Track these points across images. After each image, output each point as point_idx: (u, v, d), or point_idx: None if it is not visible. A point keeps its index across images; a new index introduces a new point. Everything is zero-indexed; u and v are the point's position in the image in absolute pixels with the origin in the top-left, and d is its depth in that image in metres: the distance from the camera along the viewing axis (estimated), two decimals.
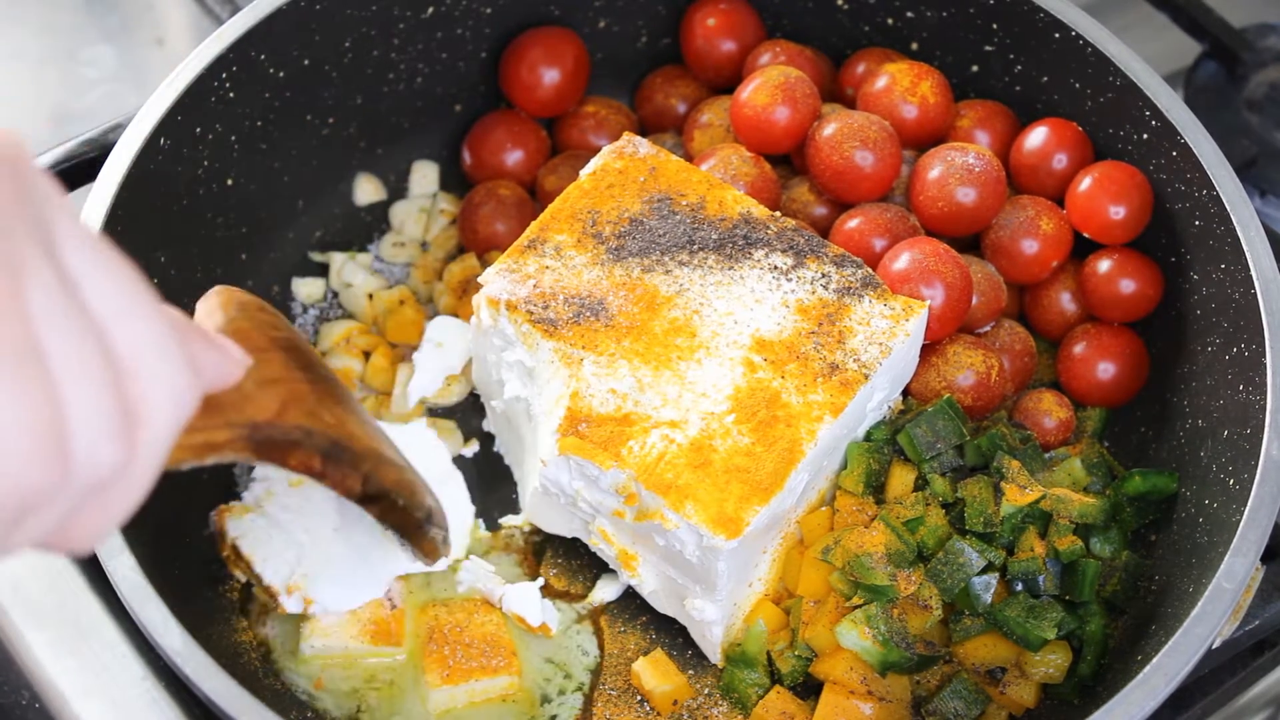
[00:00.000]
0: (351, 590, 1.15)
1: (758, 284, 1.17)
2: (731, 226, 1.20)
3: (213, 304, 0.91)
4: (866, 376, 1.13)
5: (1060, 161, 1.30)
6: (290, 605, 1.13)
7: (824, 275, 1.18)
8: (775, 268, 1.18)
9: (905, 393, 1.25)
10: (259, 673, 1.16)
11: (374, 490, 0.93)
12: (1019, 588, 1.13)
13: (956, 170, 1.27)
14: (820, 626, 1.12)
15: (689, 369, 1.13)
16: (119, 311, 0.59)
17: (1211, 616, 1.01)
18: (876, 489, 1.18)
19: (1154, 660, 1.00)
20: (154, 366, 0.60)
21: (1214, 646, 1.03)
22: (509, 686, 1.16)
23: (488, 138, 1.41)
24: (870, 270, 1.19)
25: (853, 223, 1.27)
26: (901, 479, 1.17)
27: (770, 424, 1.10)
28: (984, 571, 1.11)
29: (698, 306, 1.16)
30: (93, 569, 1.24)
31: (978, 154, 1.28)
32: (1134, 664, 1.08)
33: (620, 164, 1.24)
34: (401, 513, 0.97)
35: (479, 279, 1.19)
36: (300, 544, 1.15)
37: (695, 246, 1.19)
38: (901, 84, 1.33)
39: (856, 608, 1.11)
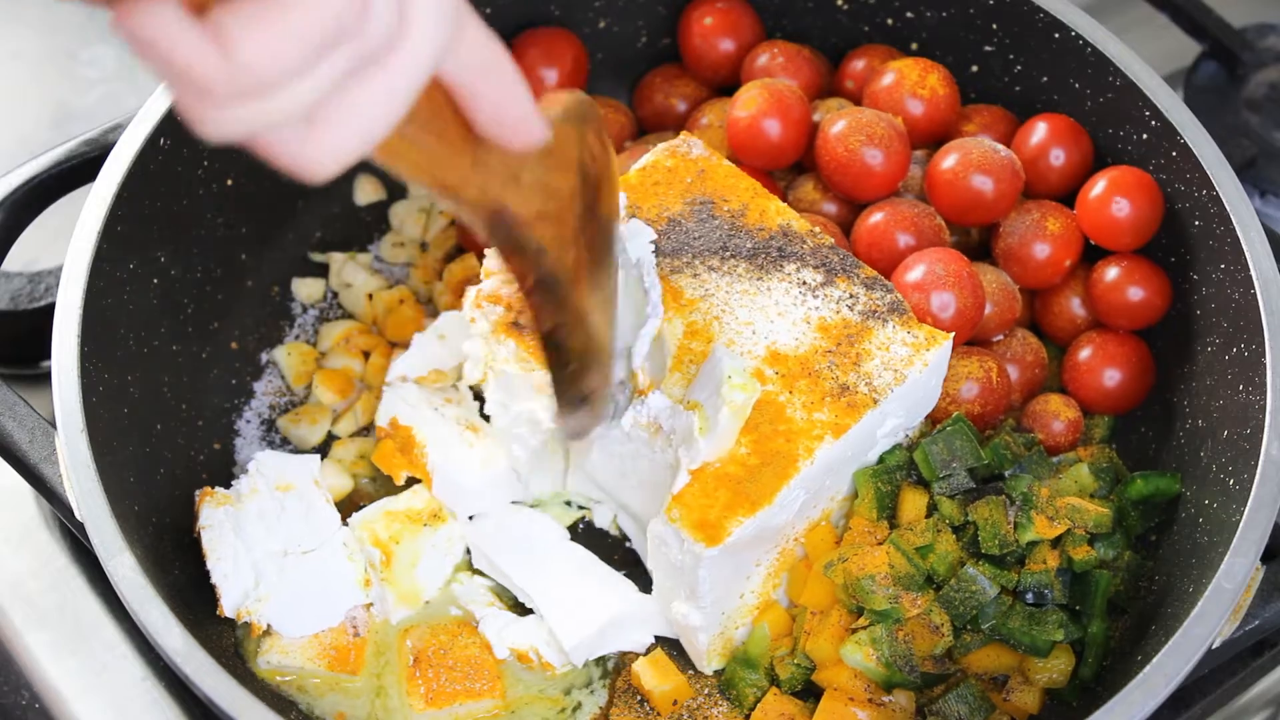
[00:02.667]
0: (307, 617, 1.15)
1: (783, 297, 1.16)
2: (768, 237, 1.19)
3: (563, 99, 0.92)
4: (876, 401, 1.11)
5: (1058, 157, 1.30)
6: (229, 611, 1.13)
7: (851, 296, 1.16)
8: (804, 283, 1.17)
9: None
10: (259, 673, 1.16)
11: (556, 342, 0.94)
12: (1029, 599, 1.12)
13: (974, 157, 1.26)
14: (822, 639, 1.11)
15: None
16: None
17: (1211, 616, 1.01)
18: (891, 514, 1.16)
19: (1154, 660, 1.00)
20: None
21: (1214, 646, 1.03)
22: (494, 709, 1.15)
23: None
24: (899, 296, 1.17)
25: (876, 218, 1.27)
26: (914, 503, 1.15)
27: (770, 437, 1.09)
28: (997, 596, 1.10)
29: (718, 313, 1.15)
30: (93, 569, 1.24)
31: (995, 143, 1.28)
32: (1134, 664, 1.08)
33: (671, 163, 1.24)
34: (565, 379, 0.98)
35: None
36: (258, 563, 1.15)
37: (728, 253, 1.19)
38: (909, 79, 1.33)
39: (862, 628, 1.10)
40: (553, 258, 0.87)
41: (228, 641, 1.14)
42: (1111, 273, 1.27)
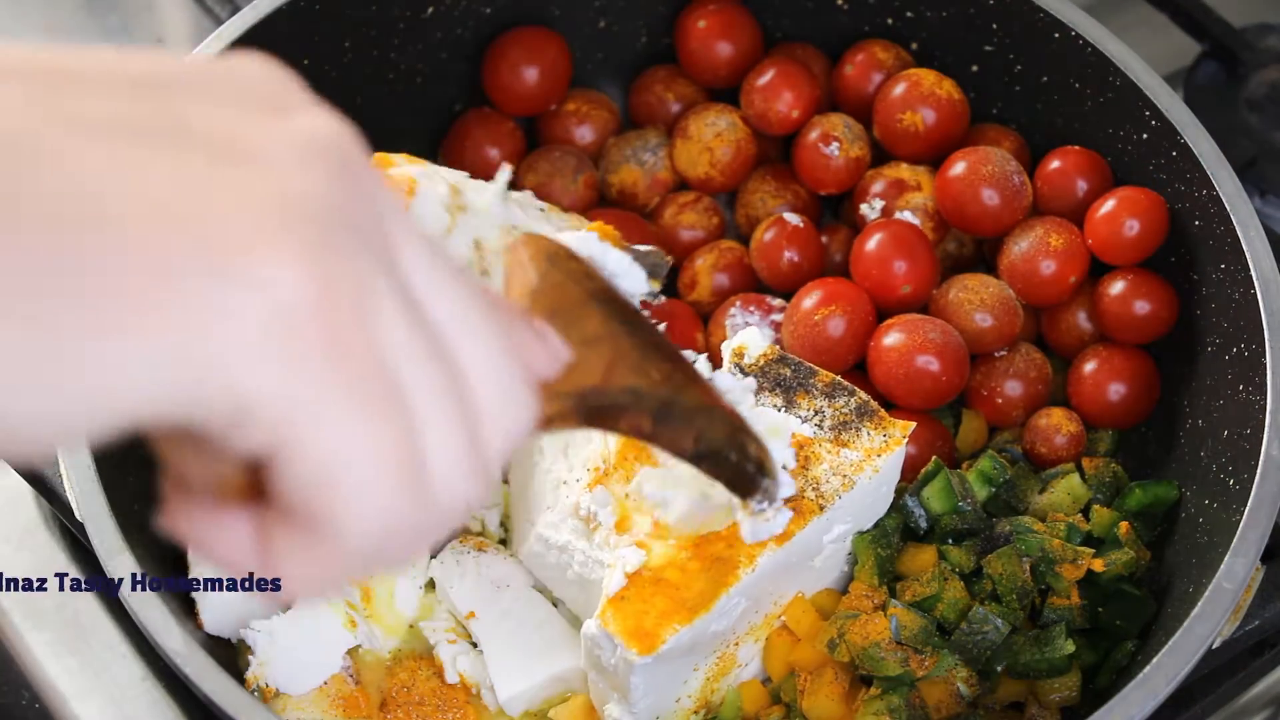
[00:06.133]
0: (307, 672, 1.12)
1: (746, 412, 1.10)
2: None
3: (522, 256, 0.85)
4: (821, 508, 1.06)
5: (1081, 189, 1.29)
6: (208, 628, 1.12)
7: (817, 413, 1.11)
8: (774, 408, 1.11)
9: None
10: None
11: (705, 449, 0.88)
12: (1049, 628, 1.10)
13: (982, 168, 1.26)
14: (820, 696, 1.08)
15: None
16: (460, 332, 0.54)
17: (1211, 616, 1.01)
18: (892, 578, 1.13)
19: (1154, 660, 1.00)
20: (495, 394, 0.56)
21: (1214, 646, 1.03)
22: None
23: (465, 137, 1.41)
24: (865, 397, 1.11)
25: (871, 242, 1.27)
26: (918, 557, 1.13)
27: (712, 541, 1.04)
28: (1009, 635, 1.09)
29: None
30: (93, 569, 1.24)
31: (1005, 154, 1.28)
32: (1134, 664, 1.08)
33: None
34: (733, 468, 0.92)
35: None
36: (243, 613, 1.13)
37: None
38: (925, 84, 1.33)
39: (875, 696, 1.06)
40: (646, 387, 0.81)
41: (229, 642, 1.14)
42: (1118, 286, 1.26)
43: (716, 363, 1.29)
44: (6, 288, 0.44)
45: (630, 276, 1.07)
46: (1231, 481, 1.10)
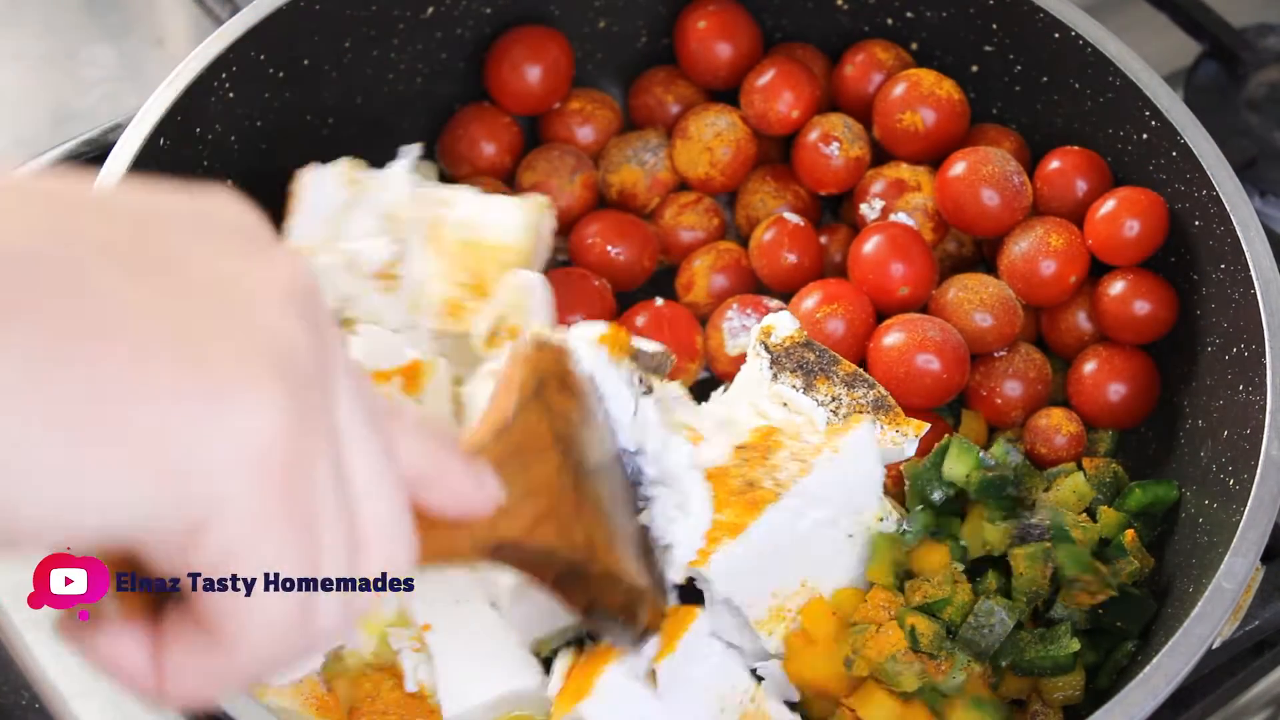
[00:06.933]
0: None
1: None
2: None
3: (517, 375, 0.84)
4: (777, 496, 1.03)
5: (1081, 189, 1.28)
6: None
7: (834, 399, 1.10)
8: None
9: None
10: None
11: (595, 611, 0.89)
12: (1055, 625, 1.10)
13: (982, 169, 1.26)
14: (843, 713, 1.06)
15: None
16: (368, 486, 0.59)
17: (1211, 616, 1.01)
18: (904, 578, 1.12)
19: (1154, 660, 1.00)
20: (383, 549, 0.61)
21: (1214, 647, 1.03)
22: None
23: (462, 134, 1.41)
24: (884, 391, 1.11)
25: (868, 245, 1.27)
26: (931, 557, 1.12)
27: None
28: (1015, 629, 1.08)
29: None
30: None
31: (1006, 154, 1.28)
32: (1134, 664, 1.08)
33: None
34: (615, 629, 0.93)
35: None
36: None
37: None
38: (924, 85, 1.33)
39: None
40: (563, 551, 0.81)
41: None
42: (1118, 286, 1.26)
43: (714, 367, 1.30)
44: (35, 386, 0.47)
45: (619, 400, 1.01)
46: (1231, 481, 1.10)
